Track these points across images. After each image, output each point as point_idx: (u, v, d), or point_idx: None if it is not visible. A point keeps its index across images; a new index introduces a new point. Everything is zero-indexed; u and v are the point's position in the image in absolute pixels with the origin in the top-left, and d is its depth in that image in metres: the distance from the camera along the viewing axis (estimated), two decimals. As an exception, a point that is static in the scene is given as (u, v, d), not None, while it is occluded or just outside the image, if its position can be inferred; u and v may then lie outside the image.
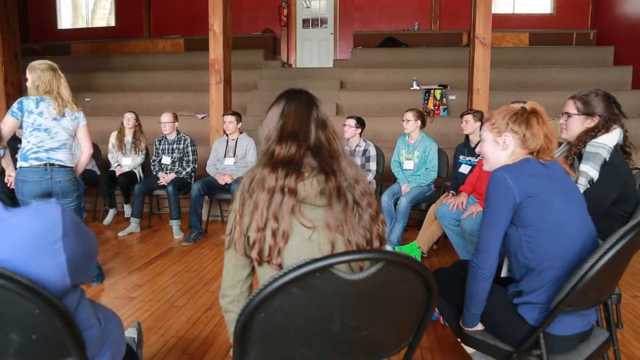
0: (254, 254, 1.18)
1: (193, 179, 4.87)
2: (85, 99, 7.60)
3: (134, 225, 4.65)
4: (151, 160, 4.99)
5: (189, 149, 4.83)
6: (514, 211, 1.51)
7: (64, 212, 1.05)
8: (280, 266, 1.15)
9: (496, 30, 5.62)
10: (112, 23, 10.72)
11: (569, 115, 2.15)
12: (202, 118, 6.68)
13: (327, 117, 1.31)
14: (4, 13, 5.72)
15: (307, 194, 1.16)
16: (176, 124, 4.83)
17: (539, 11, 9.29)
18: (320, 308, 0.95)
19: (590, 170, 1.99)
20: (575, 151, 2.08)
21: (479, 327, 1.67)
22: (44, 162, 2.89)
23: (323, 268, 0.88)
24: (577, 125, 2.13)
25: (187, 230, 4.55)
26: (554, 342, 1.50)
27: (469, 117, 3.88)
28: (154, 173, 4.87)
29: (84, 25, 11.09)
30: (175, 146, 4.82)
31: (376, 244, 1.23)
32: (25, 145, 2.89)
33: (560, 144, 2.40)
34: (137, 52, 9.59)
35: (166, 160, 4.82)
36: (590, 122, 2.10)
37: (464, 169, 3.87)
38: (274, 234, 1.14)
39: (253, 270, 1.30)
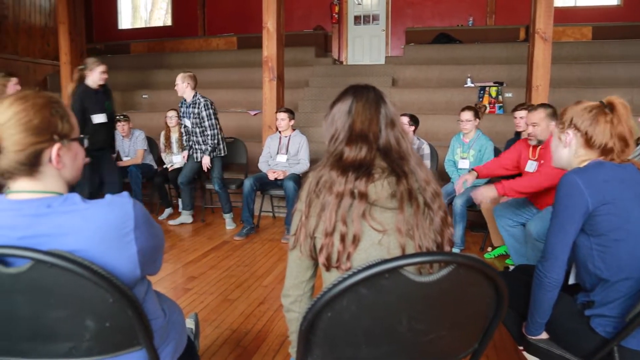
0: (321, 259, 1.15)
1: (223, 151, 4.70)
2: (143, 96, 7.92)
3: (184, 217, 4.81)
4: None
5: (203, 113, 4.47)
6: (585, 219, 1.42)
7: (135, 205, 1.08)
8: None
9: (556, 24, 5.36)
10: (169, 22, 11.08)
11: None
12: (255, 115, 6.78)
13: (396, 114, 1.25)
14: (72, 16, 6.05)
15: (378, 197, 1.12)
16: (187, 84, 4.55)
17: (603, 3, 8.80)
18: (387, 309, 0.94)
19: None
20: None
21: (544, 335, 1.60)
22: None
23: (393, 269, 0.87)
24: None
25: (239, 224, 4.65)
26: (630, 357, 1.40)
27: (522, 113, 3.72)
28: (188, 150, 4.75)
29: (143, 25, 11.54)
30: (191, 109, 4.59)
31: (447, 248, 1.18)
32: None
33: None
34: (192, 50, 9.86)
35: (188, 123, 4.65)
36: None
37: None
38: (342, 239, 1.11)
39: (316, 271, 1.28)
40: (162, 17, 11.50)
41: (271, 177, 4.49)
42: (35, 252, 0.92)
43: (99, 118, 4.18)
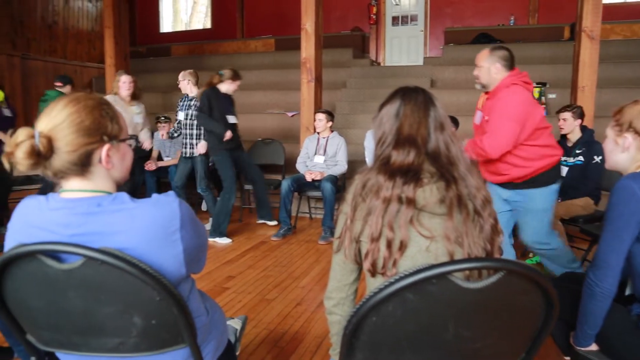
0: (367, 265, 1.13)
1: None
2: (184, 98, 8.06)
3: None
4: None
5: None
6: None
7: (181, 204, 1.10)
8: None
9: (604, 22, 5.13)
10: (208, 25, 11.30)
11: None
12: (292, 116, 6.82)
13: (446, 117, 1.21)
14: (117, 20, 6.27)
15: (426, 202, 1.09)
16: (187, 80, 4.73)
17: (656, -2, 8.38)
18: (434, 315, 0.91)
19: None
20: None
21: (593, 347, 1.53)
22: None
23: (441, 275, 0.85)
24: None
25: (277, 225, 4.68)
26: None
27: (567, 115, 3.61)
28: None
29: (183, 29, 11.81)
30: (192, 102, 4.65)
31: (497, 257, 1.14)
32: None
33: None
34: (231, 52, 10.01)
35: (181, 116, 4.66)
36: None
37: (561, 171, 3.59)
38: (389, 245, 1.09)
39: (360, 274, 1.27)
40: (201, 20, 11.74)
41: (308, 178, 4.50)
42: (86, 249, 0.95)
43: (230, 119, 4.38)
